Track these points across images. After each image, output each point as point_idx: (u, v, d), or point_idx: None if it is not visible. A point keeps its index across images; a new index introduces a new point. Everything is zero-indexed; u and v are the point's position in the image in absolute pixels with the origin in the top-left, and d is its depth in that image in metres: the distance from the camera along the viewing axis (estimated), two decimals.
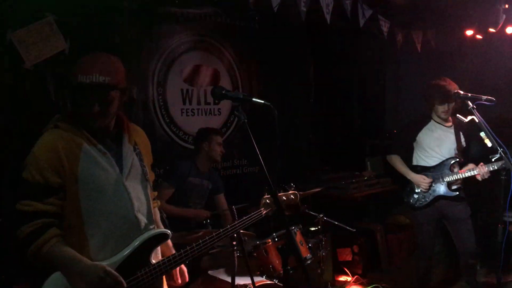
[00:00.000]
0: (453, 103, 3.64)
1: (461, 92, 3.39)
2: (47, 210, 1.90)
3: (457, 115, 3.61)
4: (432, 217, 3.84)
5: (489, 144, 3.20)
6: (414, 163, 3.92)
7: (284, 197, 2.59)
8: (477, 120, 3.25)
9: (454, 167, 3.76)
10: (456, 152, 3.77)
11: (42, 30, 3.58)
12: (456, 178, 3.70)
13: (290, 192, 2.64)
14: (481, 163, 3.55)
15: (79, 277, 1.87)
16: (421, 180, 3.77)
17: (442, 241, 4.70)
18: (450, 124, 3.81)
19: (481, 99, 3.31)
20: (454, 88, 3.55)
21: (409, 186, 3.91)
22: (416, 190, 3.85)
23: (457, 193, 3.73)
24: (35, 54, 3.53)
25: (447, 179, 3.73)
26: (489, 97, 3.31)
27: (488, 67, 5.57)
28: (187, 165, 3.90)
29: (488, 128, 3.22)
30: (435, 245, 4.10)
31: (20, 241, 1.89)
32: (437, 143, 3.78)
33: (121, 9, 4.06)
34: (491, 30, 4.71)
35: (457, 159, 3.75)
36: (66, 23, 3.68)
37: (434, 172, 3.78)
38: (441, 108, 3.67)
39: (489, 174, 3.53)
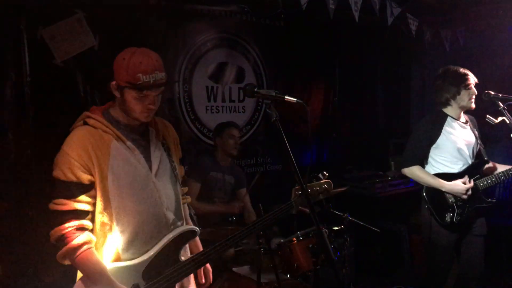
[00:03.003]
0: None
1: (492, 93, 3.28)
2: (81, 208, 1.92)
3: (487, 116, 3.46)
4: (457, 237, 3.37)
5: None
6: (433, 172, 3.41)
7: (316, 187, 2.40)
8: (508, 121, 3.19)
9: (488, 169, 3.40)
10: (478, 152, 3.44)
11: (72, 26, 3.63)
12: (493, 182, 3.31)
13: (324, 181, 2.44)
14: None
15: None
16: (461, 187, 3.23)
17: None
18: (465, 120, 3.46)
19: None
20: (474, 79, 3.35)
21: (439, 201, 3.32)
22: (451, 202, 3.30)
23: (495, 199, 3.34)
24: (65, 50, 3.59)
25: (483, 184, 3.32)
26: None
27: None
28: (208, 160, 3.95)
29: None
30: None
31: (53, 242, 1.92)
32: (461, 144, 3.35)
33: (149, 6, 4.08)
34: None
35: (487, 159, 3.40)
36: (95, 19, 3.72)
37: (464, 178, 3.33)
38: (467, 94, 3.29)
39: None
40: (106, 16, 3.78)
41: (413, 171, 3.40)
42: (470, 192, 3.26)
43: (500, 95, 3.26)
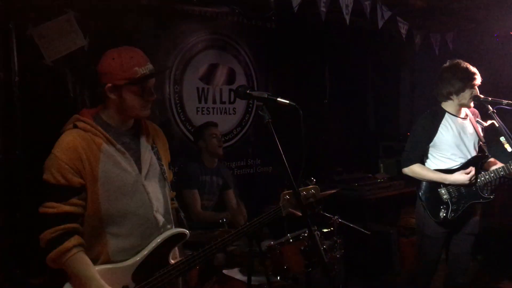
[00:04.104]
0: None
1: (481, 96, 3.29)
2: (71, 211, 1.90)
3: (476, 119, 3.52)
4: (449, 234, 3.42)
5: (509, 149, 3.16)
6: (432, 168, 3.40)
7: (304, 192, 2.44)
8: (497, 125, 3.21)
9: (487, 165, 3.36)
10: (479, 146, 3.40)
11: (61, 26, 3.60)
12: (491, 177, 3.27)
13: (311, 186, 2.49)
14: None
15: None
16: (465, 176, 3.20)
17: None
18: (464, 115, 3.43)
19: (501, 103, 3.25)
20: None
21: (434, 198, 3.34)
22: (445, 199, 3.31)
23: (492, 196, 3.29)
24: (55, 50, 3.55)
25: (481, 180, 3.28)
26: (509, 102, 3.25)
27: (505, 71, 5.53)
28: (196, 164, 3.93)
29: (508, 132, 3.18)
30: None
31: (43, 245, 1.91)
32: (458, 139, 3.33)
33: (140, 7, 4.06)
34: None
35: (487, 155, 3.35)
36: (85, 19, 3.69)
37: (468, 169, 3.26)
38: (470, 93, 3.27)
39: None
40: (96, 16, 3.75)
41: (414, 169, 3.39)
42: (474, 179, 3.22)
43: (490, 98, 3.27)
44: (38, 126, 3.45)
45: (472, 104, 3.35)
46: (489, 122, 3.28)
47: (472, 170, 3.23)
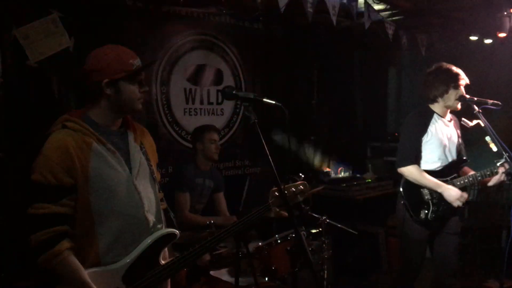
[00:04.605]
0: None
1: (467, 96, 3.32)
2: (62, 212, 1.88)
3: (463, 119, 3.50)
4: (430, 234, 3.43)
5: (495, 149, 3.18)
6: None
7: (293, 188, 2.41)
8: (482, 125, 3.23)
9: (466, 170, 3.43)
10: (459, 151, 3.46)
11: (46, 26, 3.55)
12: (469, 181, 3.32)
13: (299, 182, 2.45)
14: (504, 162, 3.19)
15: None
16: (456, 193, 3.25)
17: None
18: (449, 118, 3.48)
19: (487, 103, 3.27)
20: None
21: (415, 197, 3.38)
22: (427, 199, 3.34)
23: (470, 199, 3.43)
24: (39, 50, 3.50)
25: (459, 183, 3.33)
26: (494, 101, 3.28)
27: (491, 72, 5.58)
28: (191, 167, 3.91)
29: (494, 132, 3.20)
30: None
31: (32, 247, 1.87)
32: (444, 142, 3.38)
33: (126, 7, 4.04)
34: (502, 35, 4.65)
35: (466, 159, 3.43)
36: (70, 20, 3.65)
37: (442, 177, 3.37)
38: (455, 94, 3.31)
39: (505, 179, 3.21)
40: (82, 16, 3.71)
41: (411, 171, 3.36)
42: (460, 203, 3.27)
43: (475, 98, 3.30)
44: (22, 127, 3.40)
45: (459, 106, 3.38)
46: (475, 122, 3.29)
47: (465, 195, 3.27)
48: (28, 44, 3.46)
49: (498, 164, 3.24)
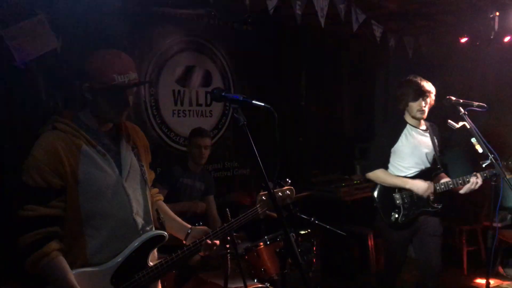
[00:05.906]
0: (429, 100, 3.44)
1: (453, 98, 3.34)
2: (52, 214, 1.87)
3: (449, 120, 3.55)
4: (408, 235, 3.51)
5: (480, 150, 3.20)
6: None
7: (280, 193, 2.47)
8: (468, 126, 3.26)
9: (438, 177, 3.55)
10: (433, 159, 3.55)
11: (33, 27, 3.53)
12: (449, 186, 3.41)
13: (286, 187, 2.51)
14: (477, 173, 3.34)
15: None
16: (423, 185, 3.36)
17: None
18: (425, 128, 3.58)
19: (472, 105, 3.30)
20: (428, 85, 3.44)
21: (388, 202, 3.48)
22: (398, 203, 3.46)
23: (440, 206, 3.46)
24: (26, 52, 3.48)
25: (439, 188, 3.42)
26: (480, 103, 3.32)
27: (477, 74, 5.66)
28: (180, 167, 3.92)
29: (480, 134, 3.23)
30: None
31: (20, 249, 1.86)
32: (416, 150, 3.49)
33: (114, 9, 4.02)
34: (490, 37, 4.70)
35: (440, 167, 3.57)
36: (58, 21, 3.63)
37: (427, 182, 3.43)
38: (416, 106, 3.41)
39: (480, 184, 3.32)
40: (70, 17, 3.68)
41: (377, 174, 3.51)
42: (429, 192, 3.38)
43: (461, 100, 3.32)
44: (9, 129, 3.37)
45: (424, 116, 3.47)
46: (461, 123, 3.32)
47: (431, 185, 3.39)
48: (15, 45, 3.44)
49: (483, 165, 3.28)
